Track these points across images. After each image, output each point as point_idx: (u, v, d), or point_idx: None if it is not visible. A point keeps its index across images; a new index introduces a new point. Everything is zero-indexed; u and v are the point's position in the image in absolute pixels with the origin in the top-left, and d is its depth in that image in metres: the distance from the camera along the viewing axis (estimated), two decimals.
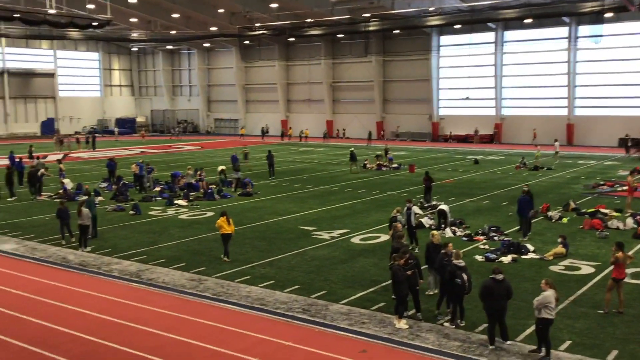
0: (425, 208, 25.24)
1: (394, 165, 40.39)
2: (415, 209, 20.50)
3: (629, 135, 50.00)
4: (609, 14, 45.06)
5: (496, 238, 19.93)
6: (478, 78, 61.27)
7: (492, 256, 17.68)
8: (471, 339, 11.94)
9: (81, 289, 15.31)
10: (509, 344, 11.58)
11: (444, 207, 22.02)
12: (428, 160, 45.24)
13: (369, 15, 55.09)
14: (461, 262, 12.61)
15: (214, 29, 63.98)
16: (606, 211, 23.55)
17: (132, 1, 55.81)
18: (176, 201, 27.41)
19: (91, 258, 18.21)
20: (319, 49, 69.69)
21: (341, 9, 57.02)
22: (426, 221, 22.26)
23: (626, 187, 26.15)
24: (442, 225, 21.33)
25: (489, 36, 59.98)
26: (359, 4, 54.80)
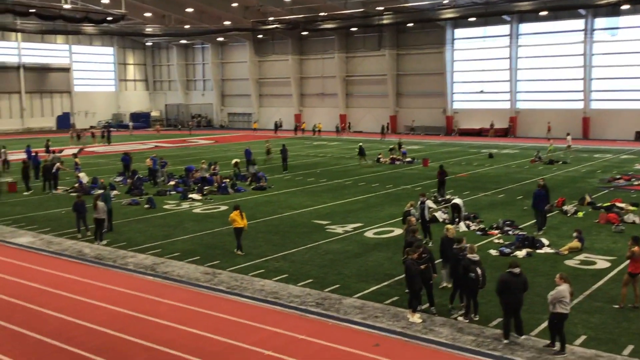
0: (439, 202, 25.15)
1: (408, 159, 40.26)
2: (429, 203, 20.39)
3: None
4: (625, 6, 44.55)
5: (511, 232, 19.82)
6: (493, 71, 60.84)
7: (507, 250, 17.59)
8: (485, 333, 11.90)
9: (97, 282, 15.46)
10: (523, 338, 11.54)
11: (457, 201, 21.91)
12: (442, 154, 45.04)
13: (382, 8, 54.87)
14: (475, 256, 12.56)
15: (227, 23, 64.03)
16: (622, 205, 23.33)
17: None
18: (190, 195, 27.56)
19: (107, 251, 18.37)
20: (333, 42, 69.56)
21: (355, 3, 56.83)
22: (440, 215, 22.19)
23: None
24: (456, 219, 21.25)
25: (504, 29, 59.52)
26: None
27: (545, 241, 18.39)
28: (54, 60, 75.77)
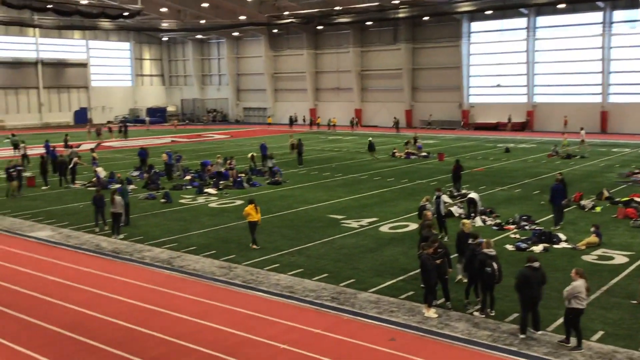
0: (455, 197, 25.04)
1: (423, 154, 40.10)
2: (445, 197, 20.36)
3: None
4: None
5: (527, 227, 19.68)
6: (509, 65, 60.29)
7: (523, 245, 17.47)
8: (501, 328, 11.85)
9: (114, 275, 15.61)
10: (540, 333, 11.47)
11: (473, 195, 21.79)
12: (458, 148, 44.79)
13: (398, 2, 54.64)
14: (492, 250, 12.50)
15: (242, 18, 64.14)
16: None
17: None
18: (206, 189, 27.69)
19: (124, 245, 18.53)
20: (348, 37, 69.36)
21: None
22: (456, 210, 22.08)
23: None
24: (472, 214, 21.14)
25: (521, 22, 58.95)
26: None
27: (563, 236, 18.24)
28: (71, 56, 76.39)
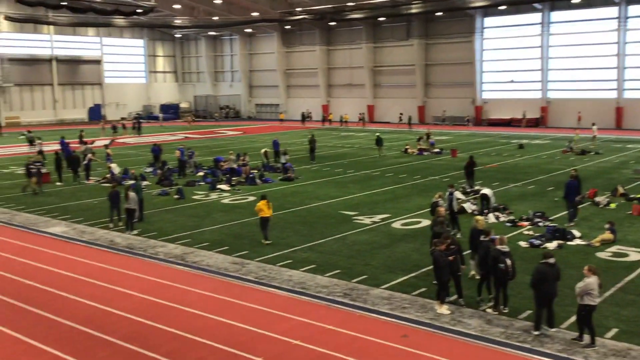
0: (468, 193, 24.93)
1: (436, 150, 39.96)
2: (458, 194, 20.25)
3: None
4: None
5: (541, 224, 19.56)
6: (523, 60, 59.87)
7: (537, 242, 17.37)
8: (514, 325, 11.80)
9: (128, 271, 15.72)
10: (554, 331, 11.41)
11: (486, 191, 21.70)
12: (471, 144, 44.59)
13: None
14: (505, 247, 12.44)
15: (255, 14, 64.17)
16: None
17: None
18: (219, 186, 27.78)
19: (137, 241, 18.65)
20: (360, 32, 69.21)
21: None
22: (469, 206, 21.98)
23: None
24: (485, 210, 21.04)
25: (535, 17, 58.49)
26: None
27: (577, 233, 18.11)
28: (85, 53, 76.86)
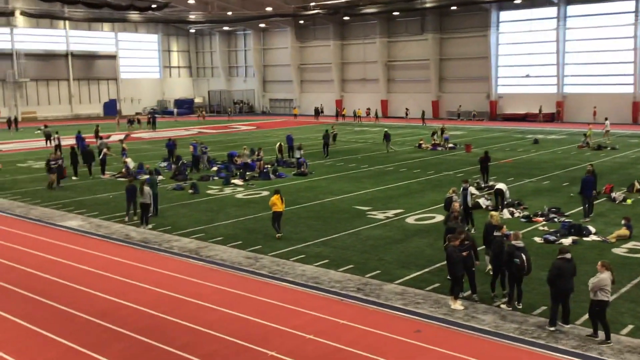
0: (482, 188, 24.80)
1: (450, 145, 39.78)
2: (472, 189, 20.15)
3: None
4: None
5: (556, 219, 19.42)
6: (539, 55, 59.34)
7: (552, 238, 17.25)
8: (529, 321, 11.74)
9: (142, 264, 15.84)
10: (568, 327, 11.34)
11: (500, 185, 21.51)
12: (485, 139, 44.32)
13: None
14: (520, 242, 12.37)
15: (269, 9, 64.16)
16: None
17: None
18: (233, 180, 27.87)
19: (152, 235, 18.77)
20: (374, 27, 68.97)
21: None
22: (483, 202, 21.88)
23: None
24: (500, 206, 20.91)
25: (551, 11, 57.93)
26: None
27: (592, 229, 17.96)
28: (100, 48, 77.36)
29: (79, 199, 24.61)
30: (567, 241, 16.94)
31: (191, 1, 65.06)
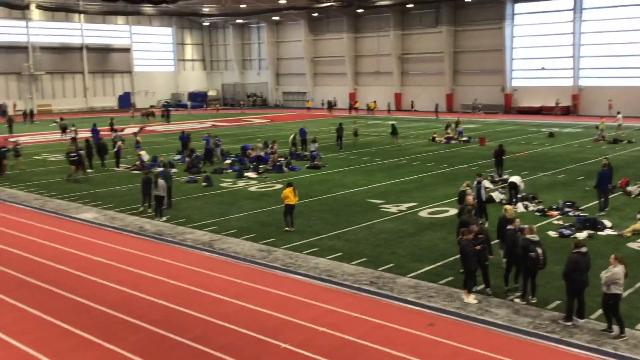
0: (496, 182, 24.67)
1: (464, 138, 39.57)
2: (486, 183, 20.06)
3: None
4: None
5: (571, 213, 19.28)
6: (554, 47, 58.77)
7: (567, 232, 17.13)
8: (543, 315, 11.68)
9: (157, 256, 15.94)
10: (583, 321, 11.27)
11: (514, 178, 21.34)
12: (500, 133, 44.04)
13: None
14: (535, 236, 12.30)
15: (283, 2, 64.06)
16: None
17: None
18: (246, 173, 27.94)
19: (166, 227, 18.89)
20: (388, 20, 68.65)
21: None
22: (497, 195, 21.76)
23: None
24: (514, 199, 20.79)
25: (567, 3, 57.34)
26: None
27: (608, 223, 17.82)
28: (115, 41, 77.72)
29: (94, 192, 24.80)
30: (582, 235, 16.82)
31: None
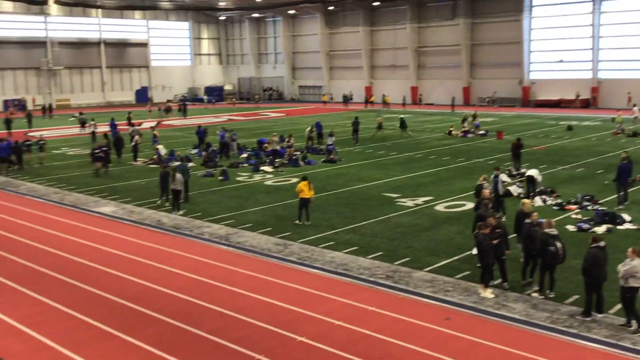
0: (514, 176, 24.49)
1: (481, 132, 39.29)
2: (503, 176, 19.89)
3: None
4: None
5: (590, 207, 19.09)
6: (573, 40, 58.08)
7: (585, 226, 16.97)
8: (560, 310, 11.60)
9: (174, 250, 16.06)
10: (601, 316, 11.18)
11: (532, 172, 21.14)
12: (517, 126, 43.67)
13: None
14: (553, 230, 12.20)
15: None
16: None
17: None
18: (262, 167, 28.01)
19: (183, 221, 19.01)
20: (405, 12, 68.26)
21: None
22: (515, 190, 21.60)
23: None
24: (531, 193, 20.62)
25: None
26: None
27: (627, 217, 17.63)
28: (132, 36, 78.16)
29: (112, 185, 25.02)
30: (601, 229, 16.66)
31: None
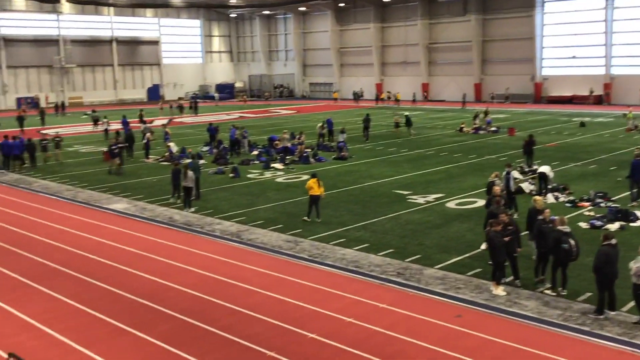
0: (526, 173, 24.37)
1: (492, 129, 39.11)
2: (515, 173, 19.80)
3: None
4: None
5: (603, 204, 18.96)
6: (586, 35, 57.62)
7: (598, 223, 16.87)
8: (573, 307, 11.54)
9: (186, 247, 16.14)
10: (614, 314, 11.11)
11: (544, 168, 21.02)
12: (530, 123, 43.42)
13: None
14: (566, 227, 12.14)
15: None
16: None
17: None
18: (273, 164, 28.05)
19: (195, 218, 19.09)
20: (416, 9, 68.01)
21: None
22: (527, 186, 21.50)
23: None
24: (543, 190, 20.51)
25: None
26: None
27: None
28: (143, 34, 78.45)
29: (124, 183, 25.17)
30: (614, 226, 16.54)
31: None
